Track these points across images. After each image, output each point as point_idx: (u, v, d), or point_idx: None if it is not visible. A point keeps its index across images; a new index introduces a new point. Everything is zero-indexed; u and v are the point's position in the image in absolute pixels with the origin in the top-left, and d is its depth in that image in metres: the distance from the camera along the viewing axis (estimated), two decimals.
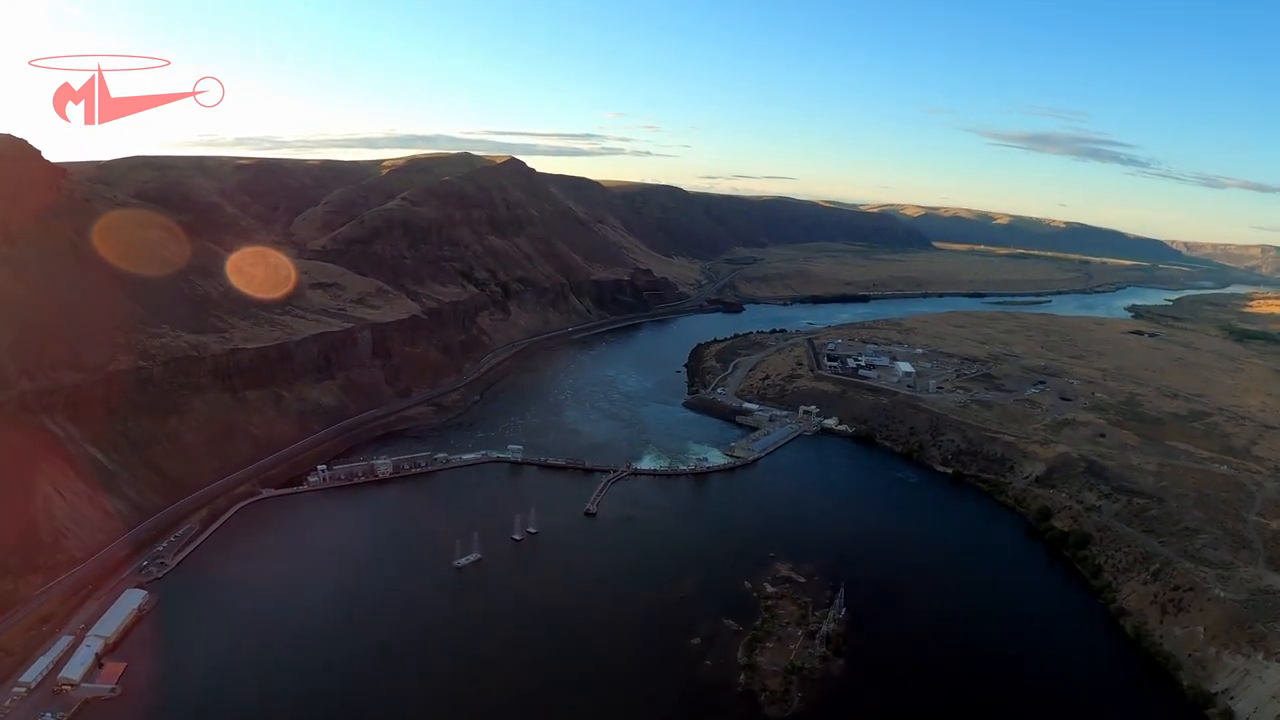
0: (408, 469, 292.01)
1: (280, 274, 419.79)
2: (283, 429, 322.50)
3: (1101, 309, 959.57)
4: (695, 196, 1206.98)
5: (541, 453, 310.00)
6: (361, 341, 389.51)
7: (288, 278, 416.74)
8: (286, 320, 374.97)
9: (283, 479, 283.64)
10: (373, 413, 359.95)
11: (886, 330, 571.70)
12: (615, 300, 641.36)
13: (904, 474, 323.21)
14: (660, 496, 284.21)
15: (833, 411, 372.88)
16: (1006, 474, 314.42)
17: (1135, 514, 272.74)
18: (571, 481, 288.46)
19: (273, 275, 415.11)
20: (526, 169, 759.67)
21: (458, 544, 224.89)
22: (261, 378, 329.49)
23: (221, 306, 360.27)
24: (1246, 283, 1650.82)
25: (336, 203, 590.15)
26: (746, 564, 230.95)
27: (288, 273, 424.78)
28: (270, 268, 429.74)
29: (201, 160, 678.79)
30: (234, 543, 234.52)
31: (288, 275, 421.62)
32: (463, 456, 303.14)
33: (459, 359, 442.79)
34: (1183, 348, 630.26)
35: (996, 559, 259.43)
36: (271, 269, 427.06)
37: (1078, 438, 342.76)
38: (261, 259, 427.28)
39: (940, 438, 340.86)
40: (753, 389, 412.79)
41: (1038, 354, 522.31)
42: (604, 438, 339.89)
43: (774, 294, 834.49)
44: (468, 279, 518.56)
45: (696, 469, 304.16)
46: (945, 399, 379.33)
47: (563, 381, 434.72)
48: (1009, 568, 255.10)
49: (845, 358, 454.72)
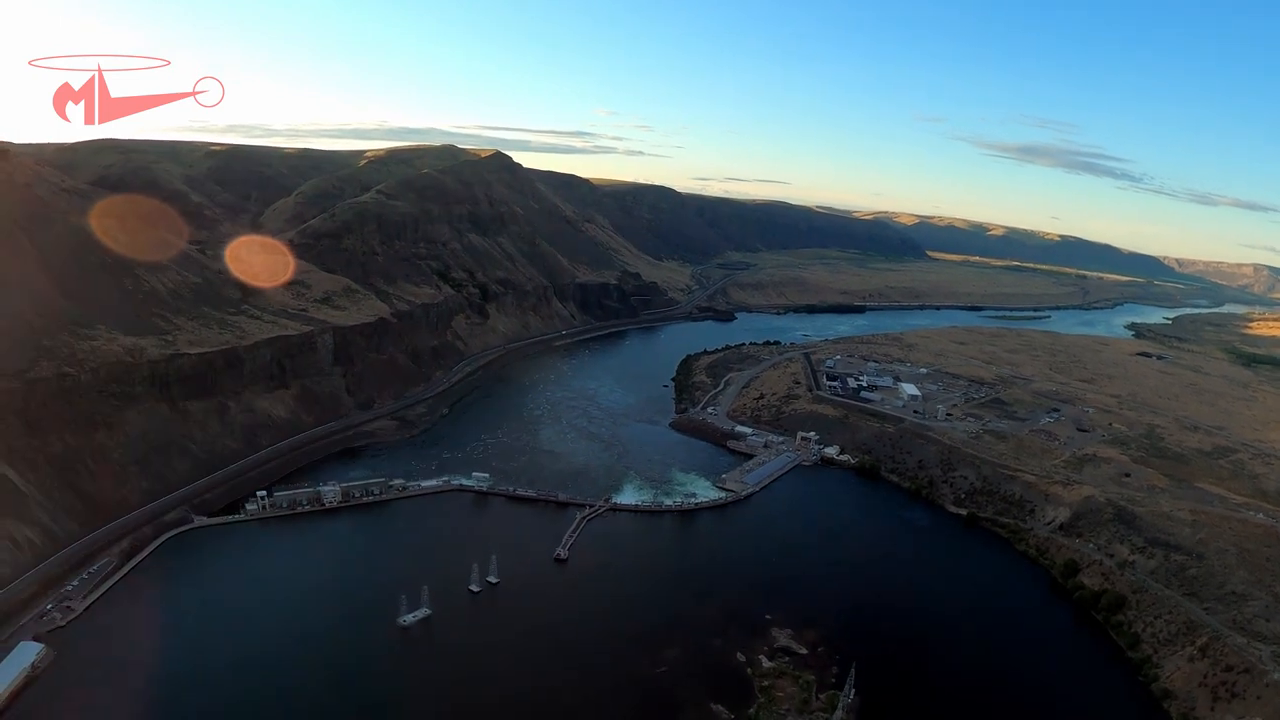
0: (359, 497, 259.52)
1: (241, 269, 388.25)
2: (226, 445, 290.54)
3: (1102, 326, 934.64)
4: (688, 198, 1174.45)
5: (510, 480, 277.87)
6: (322, 346, 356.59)
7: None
8: (240, 321, 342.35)
9: (220, 503, 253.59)
10: (329, 426, 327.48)
11: (887, 346, 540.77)
12: (601, 305, 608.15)
13: (913, 514, 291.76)
14: (641, 538, 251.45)
15: (833, 438, 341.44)
16: (1026, 518, 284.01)
17: (1174, 573, 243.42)
18: (542, 517, 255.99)
19: (236, 270, 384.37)
20: (512, 163, 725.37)
21: (403, 599, 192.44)
22: (205, 387, 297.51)
23: (169, 305, 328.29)
24: (1240, 302, 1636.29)
25: (309, 194, 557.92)
26: (739, 629, 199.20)
27: (249, 269, 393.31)
28: (234, 262, 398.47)
29: (175, 145, 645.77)
30: (153, 584, 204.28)
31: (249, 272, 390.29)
32: (421, 484, 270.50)
33: (429, 367, 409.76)
34: (1193, 372, 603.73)
35: (1022, 624, 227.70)
36: (235, 263, 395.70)
37: (1101, 477, 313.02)
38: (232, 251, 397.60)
39: (952, 474, 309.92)
40: (746, 409, 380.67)
41: (1047, 377, 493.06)
42: (581, 462, 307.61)
43: (767, 302, 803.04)
44: (444, 279, 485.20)
45: (683, 505, 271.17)
46: (956, 428, 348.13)
47: (540, 394, 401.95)
48: (1035, 633, 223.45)
49: (845, 377, 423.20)
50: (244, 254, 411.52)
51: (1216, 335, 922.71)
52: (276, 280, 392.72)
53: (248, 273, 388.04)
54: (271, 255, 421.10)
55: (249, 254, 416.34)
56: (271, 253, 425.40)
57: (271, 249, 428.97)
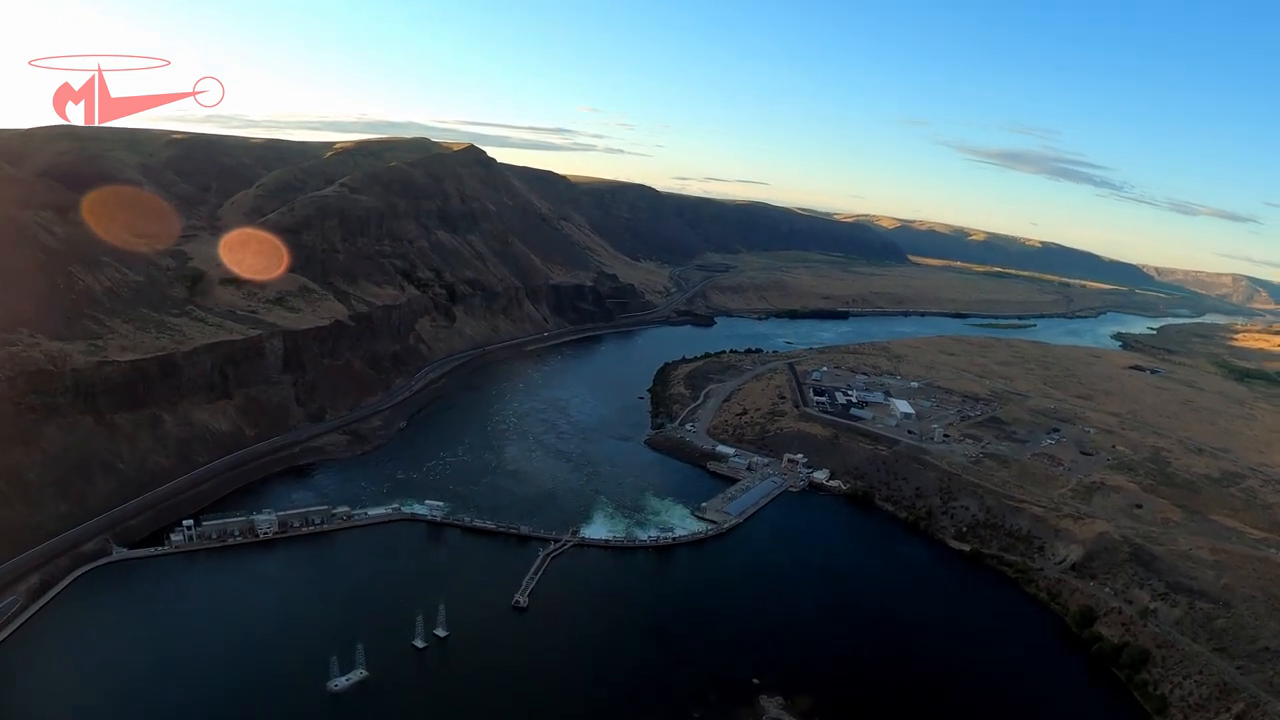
0: (297, 527, 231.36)
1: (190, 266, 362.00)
2: (158, 462, 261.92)
3: (1089, 336, 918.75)
4: (667, 197, 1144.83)
5: (468, 507, 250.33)
6: (270, 352, 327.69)
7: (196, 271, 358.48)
8: (181, 324, 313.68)
9: (146, 530, 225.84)
10: (275, 441, 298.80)
11: (874, 357, 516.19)
12: (575, 308, 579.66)
13: (912, 549, 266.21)
14: (611, 581, 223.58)
15: (822, 461, 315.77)
16: (1035, 555, 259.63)
17: (1200, 624, 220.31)
18: (501, 553, 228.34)
19: (180, 267, 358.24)
20: (486, 158, 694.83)
21: (334, 661, 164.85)
22: (136, 397, 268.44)
23: (103, 306, 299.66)
24: (1220, 312, 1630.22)
25: (270, 186, 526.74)
26: (722, 696, 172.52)
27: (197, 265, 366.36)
28: (179, 258, 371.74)
29: (135, 133, 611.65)
30: (58, 630, 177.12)
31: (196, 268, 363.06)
32: (368, 512, 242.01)
33: (389, 374, 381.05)
34: (1187, 388, 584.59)
35: (1035, 680, 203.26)
36: (180, 260, 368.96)
37: (1112, 508, 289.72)
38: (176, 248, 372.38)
39: (953, 504, 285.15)
40: (728, 426, 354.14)
41: (1043, 392, 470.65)
42: (548, 485, 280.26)
43: (748, 306, 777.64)
44: (408, 279, 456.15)
45: (658, 541, 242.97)
46: (954, 451, 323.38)
47: (508, 404, 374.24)
48: (1050, 691, 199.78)
49: (834, 391, 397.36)
50: (195, 249, 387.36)
51: (1205, 347, 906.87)
52: (223, 278, 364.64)
53: (197, 269, 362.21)
54: (226, 251, 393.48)
55: (202, 249, 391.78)
56: (227, 248, 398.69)
57: (229, 244, 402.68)
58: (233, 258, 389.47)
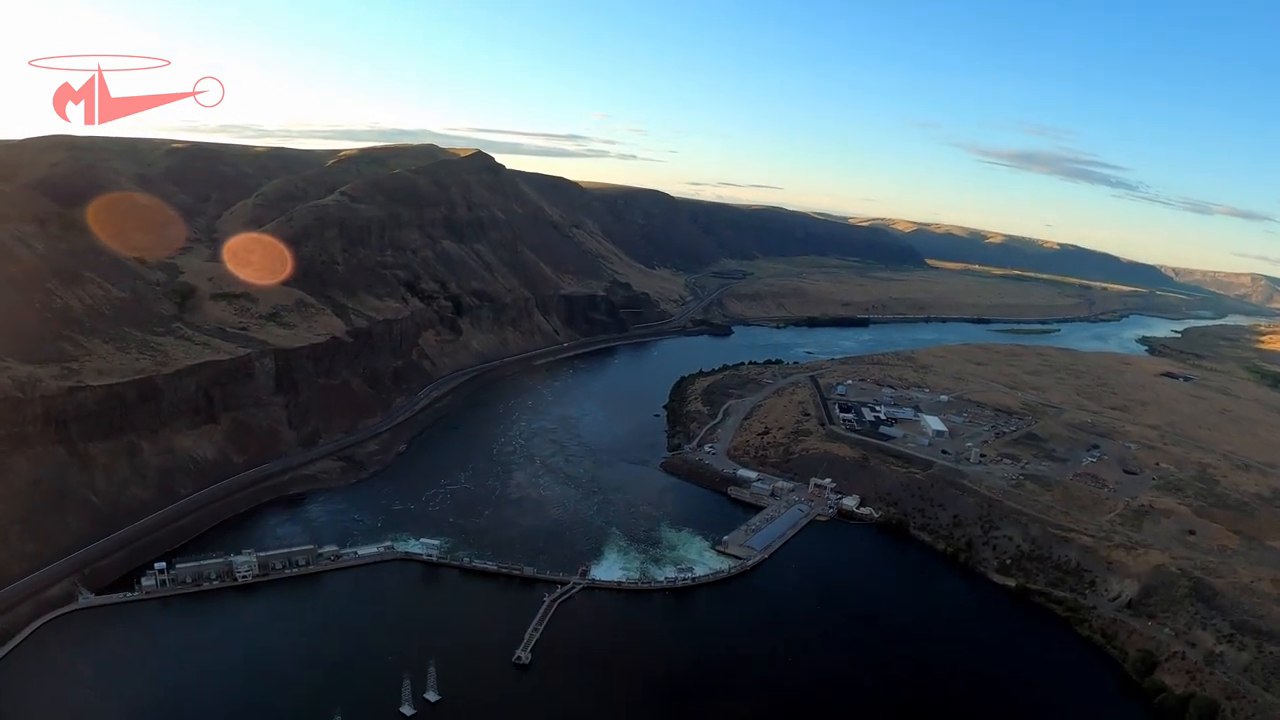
0: (280, 569, 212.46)
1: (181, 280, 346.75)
2: (135, 495, 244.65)
3: (1114, 341, 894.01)
4: (681, 203, 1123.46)
5: (468, 543, 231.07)
6: (260, 372, 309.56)
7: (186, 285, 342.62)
8: (165, 344, 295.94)
9: (119, 571, 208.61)
10: (264, 468, 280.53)
11: (900, 367, 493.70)
12: (587, 319, 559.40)
13: (952, 585, 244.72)
14: (625, 631, 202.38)
15: (852, 486, 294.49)
16: (1086, 591, 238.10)
17: (1272, 670, 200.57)
18: (503, 598, 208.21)
19: (170, 282, 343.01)
20: (494, 164, 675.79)
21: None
22: (113, 424, 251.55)
23: (83, 325, 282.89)
24: (1241, 312, 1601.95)
25: (270, 195, 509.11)
26: None
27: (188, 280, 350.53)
28: (171, 272, 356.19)
29: (135, 143, 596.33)
30: (13, 689, 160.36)
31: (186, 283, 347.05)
32: (358, 551, 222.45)
33: (389, 392, 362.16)
34: (1223, 396, 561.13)
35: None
36: (172, 274, 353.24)
37: (1164, 535, 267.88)
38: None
39: (994, 533, 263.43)
40: (749, 447, 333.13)
41: (1077, 404, 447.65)
42: (555, 516, 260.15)
43: (765, 314, 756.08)
44: (412, 290, 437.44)
45: (676, 583, 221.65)
46: (992, 473, 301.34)
47: (515, 424, 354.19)
48: None
49: (860, 407, 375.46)
50: (188, 262, 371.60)
51: (1233, 351, 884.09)
52: (214, 293, 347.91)
53: (187, 284, 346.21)
54: (216, 265, 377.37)
55: (194, 262, 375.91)
56: (221, 261, 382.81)
57: (223, 257, 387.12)
58: (226, 271, 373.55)
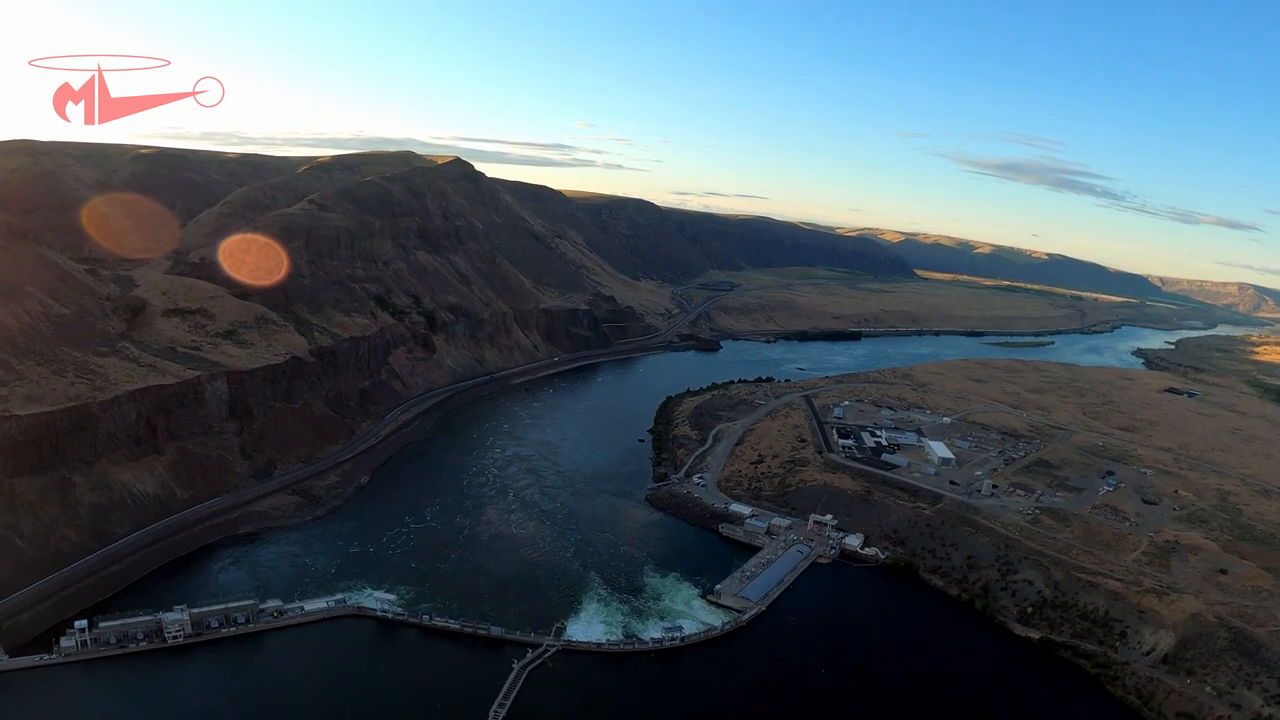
0: (216, 628, 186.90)
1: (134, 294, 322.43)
2: (65, 537, 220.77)
3: (1109, 353, 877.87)
4: (668, 213, 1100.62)
5: (432, 592, 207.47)
6: (211, 396, 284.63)
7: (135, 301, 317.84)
8: (106, 366, 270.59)
9: (41, 626, 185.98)
10: (211, 504, 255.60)
11: (898, 386, 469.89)
12: (569, 334, 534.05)
13: (969, 637, 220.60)
14: (603, 701, 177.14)
15: (854, 522, 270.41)
16: (1117, 644, 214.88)
17: None
18: (466, 663, 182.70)
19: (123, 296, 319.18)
20: (473, 172, 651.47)
21: None
22: (42, 458, 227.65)
23: (15, 345, 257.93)
24: (1230, 322, 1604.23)
25: (236, 204, 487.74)
26: None
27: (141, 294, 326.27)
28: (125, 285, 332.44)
29: (102, 148, 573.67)
30: None
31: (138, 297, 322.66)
32: (305, 606, 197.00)
33: (355, 416, 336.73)
34: (1229, 413, 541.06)
35: None
36: (125, 287, 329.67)
37: (1195, 576, 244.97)
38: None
39: (1013, 577, 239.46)
40: (741, 478, 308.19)
41: (1084, 424, 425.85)
42: (529, 561, 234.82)
43: (755, 328, 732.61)
44: (382, 305, 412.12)
45: (664, 644, 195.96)
46: (1006, 507, 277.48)
47: (489, 451, 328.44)
48: None
49: (860, 431, 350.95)
50: (144, 275, 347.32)
51: (1229, 363, 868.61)
52: (167, 309, 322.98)
53: (139, 298, 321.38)
54: (171, 278, 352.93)
55: (150, 274, 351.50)
56: (179, 274, 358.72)
57: (180, 270, 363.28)
58: (181, 284, 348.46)
